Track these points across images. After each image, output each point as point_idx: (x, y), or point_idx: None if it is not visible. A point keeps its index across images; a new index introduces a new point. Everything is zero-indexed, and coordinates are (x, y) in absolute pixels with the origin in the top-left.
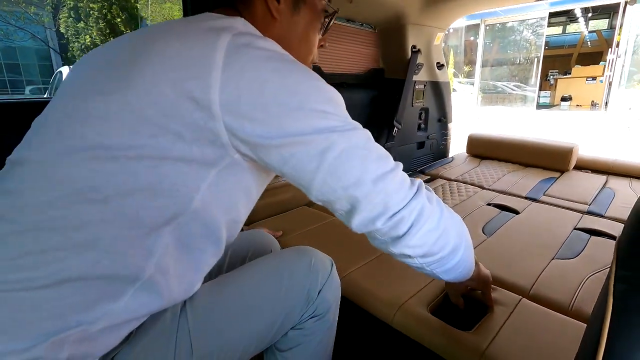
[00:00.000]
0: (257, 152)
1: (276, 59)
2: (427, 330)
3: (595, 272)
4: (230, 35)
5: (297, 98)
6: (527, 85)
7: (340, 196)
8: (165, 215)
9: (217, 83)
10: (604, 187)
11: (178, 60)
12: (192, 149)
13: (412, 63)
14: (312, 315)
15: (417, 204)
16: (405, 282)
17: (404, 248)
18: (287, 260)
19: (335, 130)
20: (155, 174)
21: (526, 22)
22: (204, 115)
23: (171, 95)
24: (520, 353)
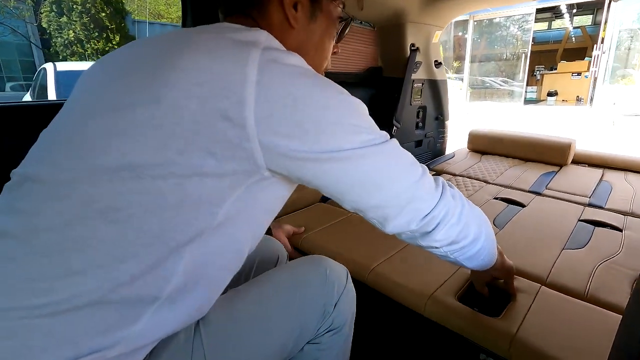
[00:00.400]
0: (290, 168)
1: (307, 74)
2: (459, 318)
3: (604, 260)
4: (259, 50)
5: (331, 113)
6: (515, 81)
7: (375, 205)
8: (188, 233)
9: (251, 100)
10: (602, 181)
11: (208, 76)
12: (222, 166)
13: (410, 61)
14: (329, 329)
15: (444, 204)
16: (430, 273)
17: (432, 242)
18: (301, 273)
19: (369, 144)
20: (181, 191)
21: (513, 17)
22: (237, 133)
23: (202, 112)
24: (547, 336)
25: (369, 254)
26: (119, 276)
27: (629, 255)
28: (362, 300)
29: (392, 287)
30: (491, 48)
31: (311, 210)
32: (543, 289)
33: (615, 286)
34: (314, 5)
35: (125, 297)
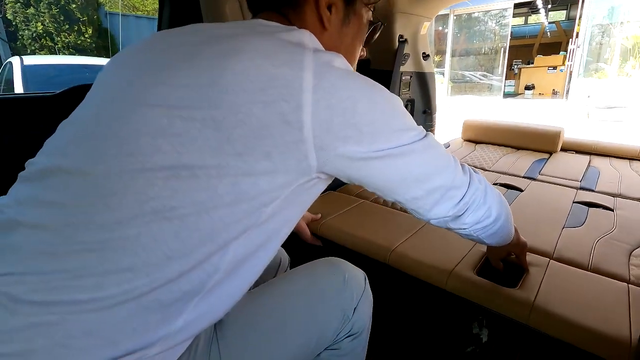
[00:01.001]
0: (343, 168)
1: (357, 77)
2: (480, 291)
3: (601, 236)
4: (310, 53)
5: (384, 113)
6: (494, 75)
7: (419, 196)
8: (237, 230)
9: (308, 104)
10: (589, 166)
11: (267, 80)
12: (277, 167)
13: (399, 53)
14: (348, 334)
15: (473, 189)
16: (449, 250)
17: (461, 224)
18: (319, 277)
19: (415, 140)
20: (236, 190)
21: (491, 12)
22: (295, 136)
23: (262, 115)
24: (562, 303)
25: (388, 236)
26: (167, 274)
27: (623, 231)
28: (385, 280)
29: (413, 266)
30: (471, 42)
31: (323, 198)
32: (552, 262)
33: (614, 258)
34: (348, 9)
35: (170, 294)
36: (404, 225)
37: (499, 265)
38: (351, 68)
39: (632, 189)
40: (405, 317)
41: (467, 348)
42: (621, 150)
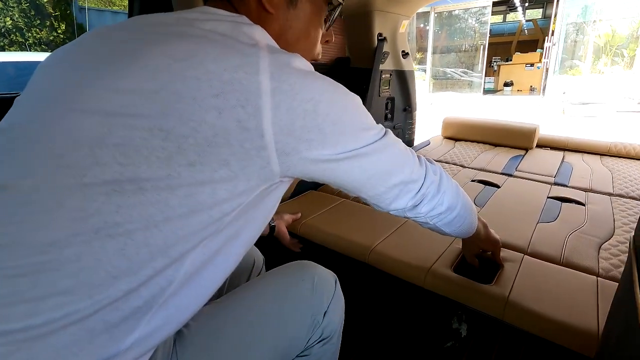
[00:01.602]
0: (307, 171)
1: (317, 77)
2: (456, 287)
3: (573, 231)
4: (267, 53)
5: (347, 115)
6: (474, 72)
7: (382, 192)
8: (194, 240)
9: (268, 109)
10: (563, 162)
11: (221, 86)
12: (237, 175)
13: (378, 51)
14: (319, 340)
15: (429, 181)
16: (426, 248)
17: (417, 213)
18: (288, 282)
19: (377, 139)
20: (190, 201)
21: (471, 10)
22: (255, 143)
23: (216, 123)
24: (536, 297)
25: (367, 235)
26: (113, 293)
27: (593, 225)
28: (365, 279)
29: (392, 264)
30: (451, 40)
31: (304, 198)
32: (526, 257)
33: (585, 252)
34: None
35: (118, 313)
36: (383, 224)
37: (474, 261)
38: (310, 68)
39: (602, 184)
40: (386, 315)
41: (447, 343)
42: (592, 146)
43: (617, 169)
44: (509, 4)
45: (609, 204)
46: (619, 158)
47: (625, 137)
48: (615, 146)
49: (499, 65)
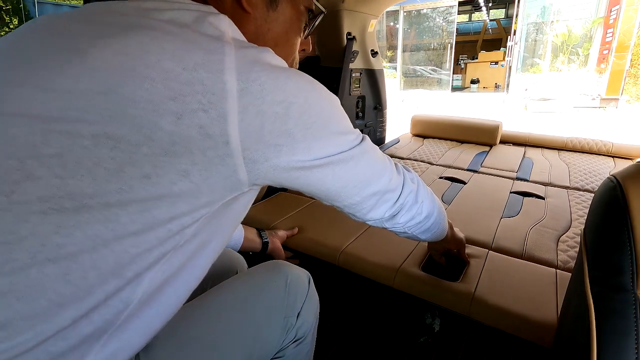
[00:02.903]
0: (277, 179)
1: (291, 75)
2: (425, 286)
3: (534, 224)
4: (232, 48)
5: (320, 119)
6: (442, 69)
7: (358, 202)
8: (151, 258)
9: (234, 113)
10: (524, 157)
11: (179, 87)
12: (199, 187)
13: (348, 50)
14: (293, 340)
15: (407, 189)
16: (396, 248)
17: (395, 224)
18: (259, 284)
19: (354, 145)
20: (145, 217)
21: (439, 9)
22: (219, 151)
23: (174, 130)
24: (500, 292)
25: (337, 237)
26: (59, 322)
27: (552, 218)
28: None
29: (363, 265)
30: (420, 38)
31: (275, 200)
32: (490, 253)
33: (544, 244)
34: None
35: (65, 342)
36: (354, 224)
37: (441, 260)
38: (283, 63)
39: (560, 178)
40: (359, 315)
41: (420, 338)
42: (551, 142)
43: (573, 163)
44: (473, 4)
45: (566, 197)
46: (575, 152)
47: (580, 131)
48: (572, 141)
49: (465, 63)
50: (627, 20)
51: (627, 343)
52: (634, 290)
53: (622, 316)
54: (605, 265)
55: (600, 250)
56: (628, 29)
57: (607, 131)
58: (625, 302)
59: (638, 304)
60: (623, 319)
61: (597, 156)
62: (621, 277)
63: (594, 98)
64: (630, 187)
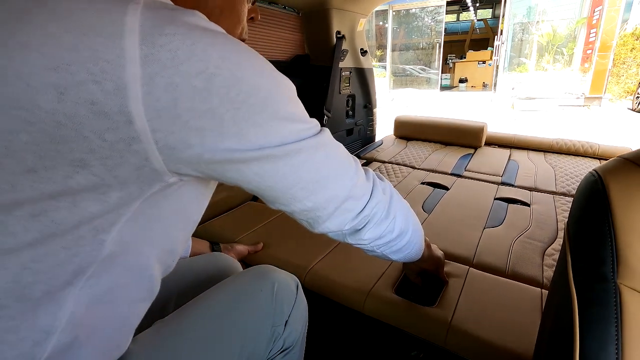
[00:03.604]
0: (204, 170)
1: (221, 40)
2: (397, 312)
3: (518, 236)
4: (138, 7)
5: (257, 98)
6: (431, 69)
7: (309, 208)
8: (63, 276)
9: (136, 86)
10: (510, 160)
11: (63, 55)
12: (103, 179)
13: (337, 49)
14: (281, 351)
15: (375, 201)
16: (367, 267)
17: (359, 240)
18: (245, 293)
19: (304, 137)
20: (41, 223)
21: (427, 9)
22: (122, 134)
23: (58, 108)
24: (479, 319)
25: (305, 253)
26: None
27: (537, 227)
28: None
29: (331, 287)
30: (409, 38)
31: (242, 210)
32: (471, 270)
33: (529, 259)
34: None
35: None
36: (325, 240)
37: (417, 280)
38: (215, 27)
39: (546, 182)
40: (327, 344)
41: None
42: (537, 143)
43: (559, 166)
44: (461, 4)
45: (552, 204)
46: (561, 155)
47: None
48: (557, 143)
49: (454, 63)
50: (609, 20)
51: (608, 330)
52: (615, 280)
53: (603, 304)
54: (587, 256)
55: (583, 241)
56: (610, 29)
57: (592, 129)
58: (606, 291)
59: (618, 293)
60: (604, 307)
61: (583, 158)
62: (602, 267)
63: (578, 97)
64: (611, 181)
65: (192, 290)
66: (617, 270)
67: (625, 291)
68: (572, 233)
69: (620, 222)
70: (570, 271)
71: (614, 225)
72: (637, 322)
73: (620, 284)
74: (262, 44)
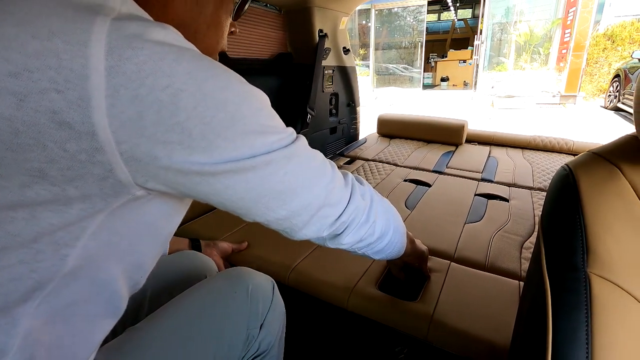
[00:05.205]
0: (174, 184)
1: (187, 56)
2: (380, 307)
3: (497, 230)
4: (107, 20)
5: (226, 111)
6: (413, 68)
7: (283, 217)
8: (18, 292)
9: (100, 96)
10: (490, 157)
11: (24, 60)
12: (64, 191)
13: (320, 47)
14: (255, 355)
15: (353, 207)
16: (351, 265)
17: (339, 244)
18: (218, 296)
19: (277, 147)
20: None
21: (409, 8)
22: (84, 145)
23: (17, 115)
24: (460, 312)
25: (288, 253)
26: None
27: (515, 222)
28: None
29: (314, 285)
30: (392, 37)
31: (217, 214)
32: (452, 265)
33: (508, 253)
34: None
35: None
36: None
37: (400, 274)
38: (184, 43)
39: (524, 178)
40: (310, 342)
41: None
42: (515, 140)
43: (536, 162)
44: (442, 4)
45: (530, 199)
46: (539, 151)
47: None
48: (535, 140)
49: (435, 62)
50: (583, 21)
51: (578, 316)
52: (585, 269)
53: (574, 292)
54: (559, 247)
55: (555, 232)
56: (583, 29)
57: (567, 126)
58: (577, 280)
59: (588, 281)
60: (575, 295)
61: (559, 155)
62: (574, 257)
63: (554, 95)
64: (581, 174)
65: (166, 289)
66: (587, 260)
67: (595, 279)
68: (545, 224)
69: (590, 214)
70: (544, 261)
71: (584, 216)
72: (605, 308)
73: (590, 273)
74: (244, 42)
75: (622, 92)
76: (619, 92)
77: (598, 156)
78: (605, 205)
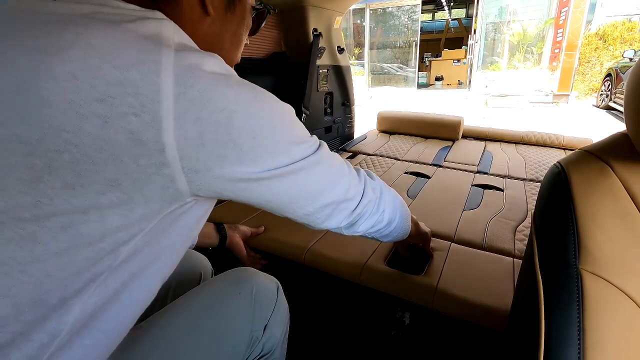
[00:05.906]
0: (223, 191)
1: (234, 83)
2: (389, 281)
3: (493, 216)
4: (171, 52)
5: (269, 127)
6: (408, 67)
7: (311, 212)
8: (78, 284)
9: (169, 119)
10: (485, 151)
11: (106, 87)
12: (132, 197)
13: (314, 47)
14: (259, 356)
15: (366, 200)
16: (361, 244)
17: (354, 232)
18: (222, 297)
19: (307, 155)
20: (69, 234)
21: (403, 8)
22: (153, 159)
23: (100, 134)
24: (461, 284)
25: (303, 236)
26: None
27: (510, 209)
28: (301, 280)
29: (328, 263)
30: (386, 36)
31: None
32: (453, 245)
33: (503, 235)
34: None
35: None
36: None
37: (406, 254)
38: (228, 71)
39: (517, 170)
40: (328, 313)
41: (391, 332)
42: (509, 136)
43: (529, 156)
44: (436, 3)
45: (523, 189)
46: (531, 146)
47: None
48: (527, 135)
49: (430, 61)
50: (575, 21)
51: (570, 312)
52: (577, 265)
53: (566, 288)
54: (552, 243)
55: (548, 229)
56: (576, 29)
57: (560, 125)
58: (569, 276)
59: (580, 277)
60: (567, 291)
61: (550, 149)
62: (566, 253)
63: (547, 94)
64: (573, 172)
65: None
66: (579, 257)
67: (586, 276)
68: (538, 221)
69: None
70: (536, 257)
71: (575, 213)
72: (597, 304)
73: (582, 269)
74: None
75: (614, 91)
76: (610, 91)
77: (589, 154)
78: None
